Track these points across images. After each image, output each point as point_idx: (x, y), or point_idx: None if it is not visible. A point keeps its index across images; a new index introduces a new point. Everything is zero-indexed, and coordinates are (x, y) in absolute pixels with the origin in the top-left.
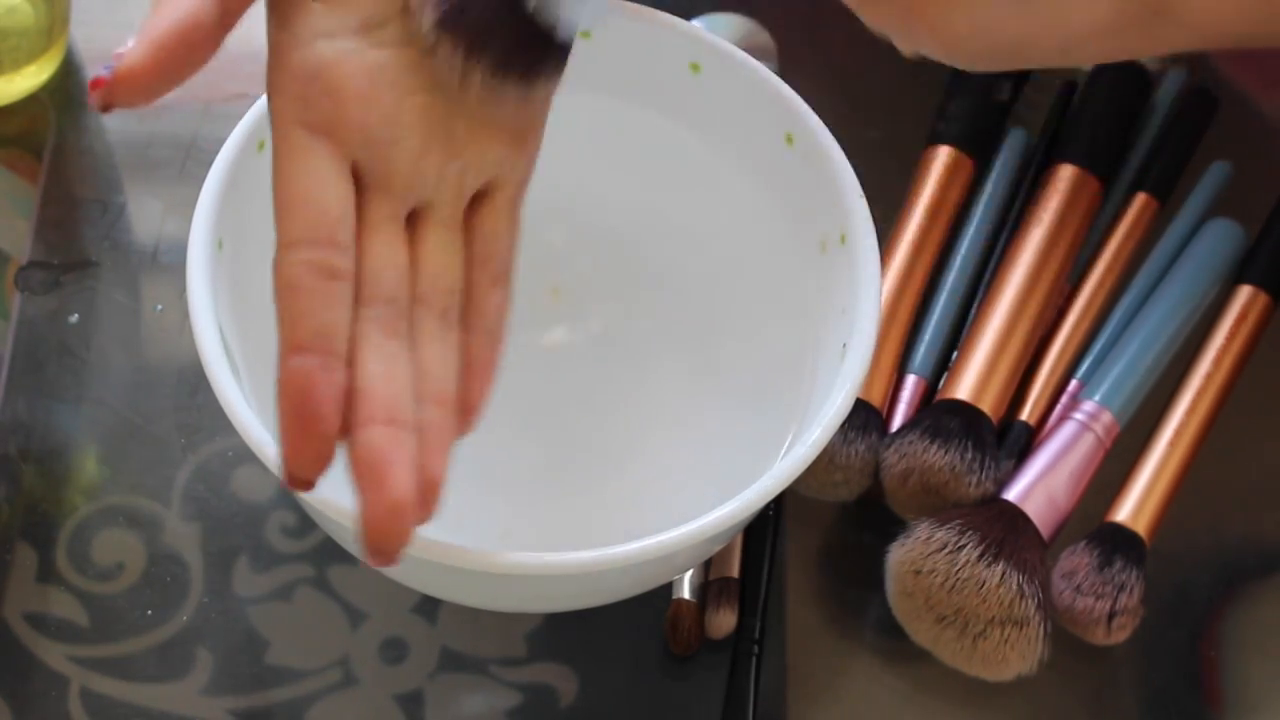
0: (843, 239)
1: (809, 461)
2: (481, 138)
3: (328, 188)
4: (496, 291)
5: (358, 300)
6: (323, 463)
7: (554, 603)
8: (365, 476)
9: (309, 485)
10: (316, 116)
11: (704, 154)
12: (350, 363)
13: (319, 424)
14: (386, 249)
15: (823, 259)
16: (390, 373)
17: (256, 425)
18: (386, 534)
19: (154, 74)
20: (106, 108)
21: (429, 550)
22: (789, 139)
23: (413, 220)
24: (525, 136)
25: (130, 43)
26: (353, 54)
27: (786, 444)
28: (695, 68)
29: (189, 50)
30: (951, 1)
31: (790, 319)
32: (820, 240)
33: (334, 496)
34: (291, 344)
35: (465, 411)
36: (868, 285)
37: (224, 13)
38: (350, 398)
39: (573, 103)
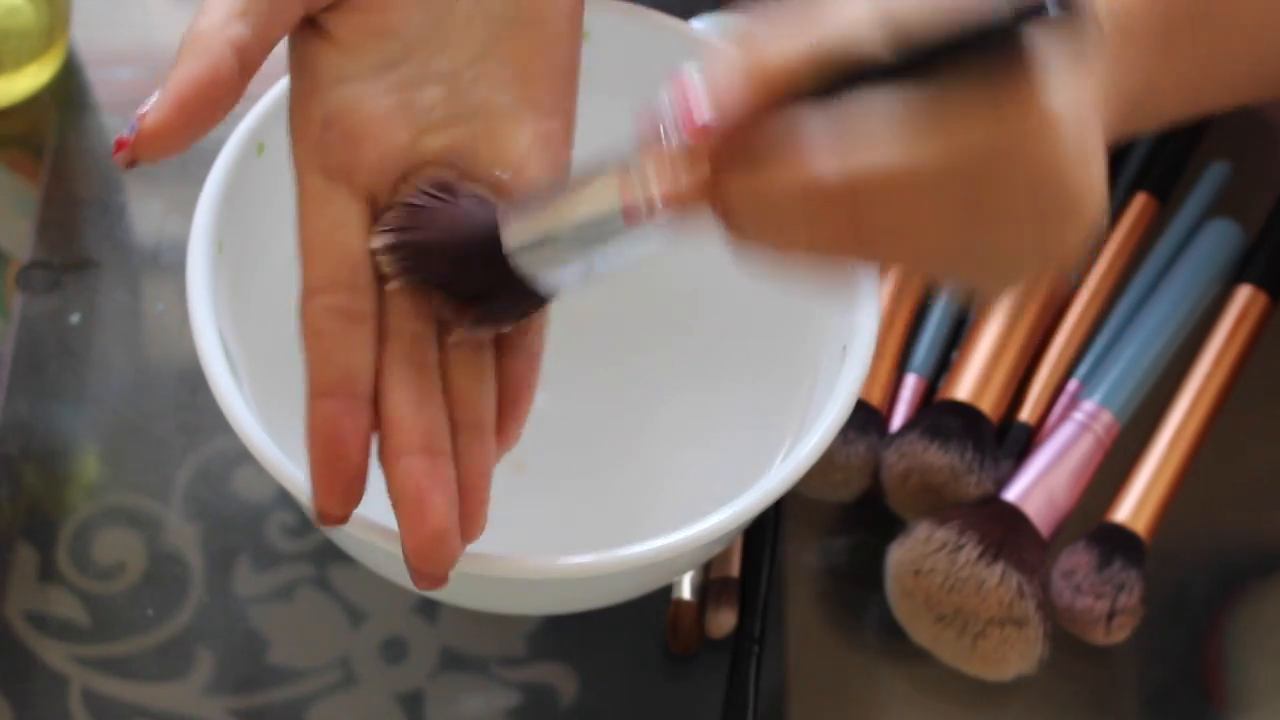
0: None
1: (809, 465)
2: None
3: (347, 231)
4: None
5: (383, 336)
6: (352, 501)
7: (553, 605)
8: (405, 507)
9: (340, 521)
10: (334, 161)
11: None
12: (381, 397)
13: (346, 465)
14: None
15: None
16: (421, 402)
17: (256, 428)
18: (431, 560)
19: (177, 131)
20: (131, 164)
21: None
22: None
23: None
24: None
25: (151, 99)
26: (369, 97)
27: (786, 447)
28: None
29: (210, 105)
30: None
31: (790, 321)
32: None
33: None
34: (317, 388)
35: (504, 432)
36: (867, 288)
37: (244, 65)
38: (383, 431)
39: None
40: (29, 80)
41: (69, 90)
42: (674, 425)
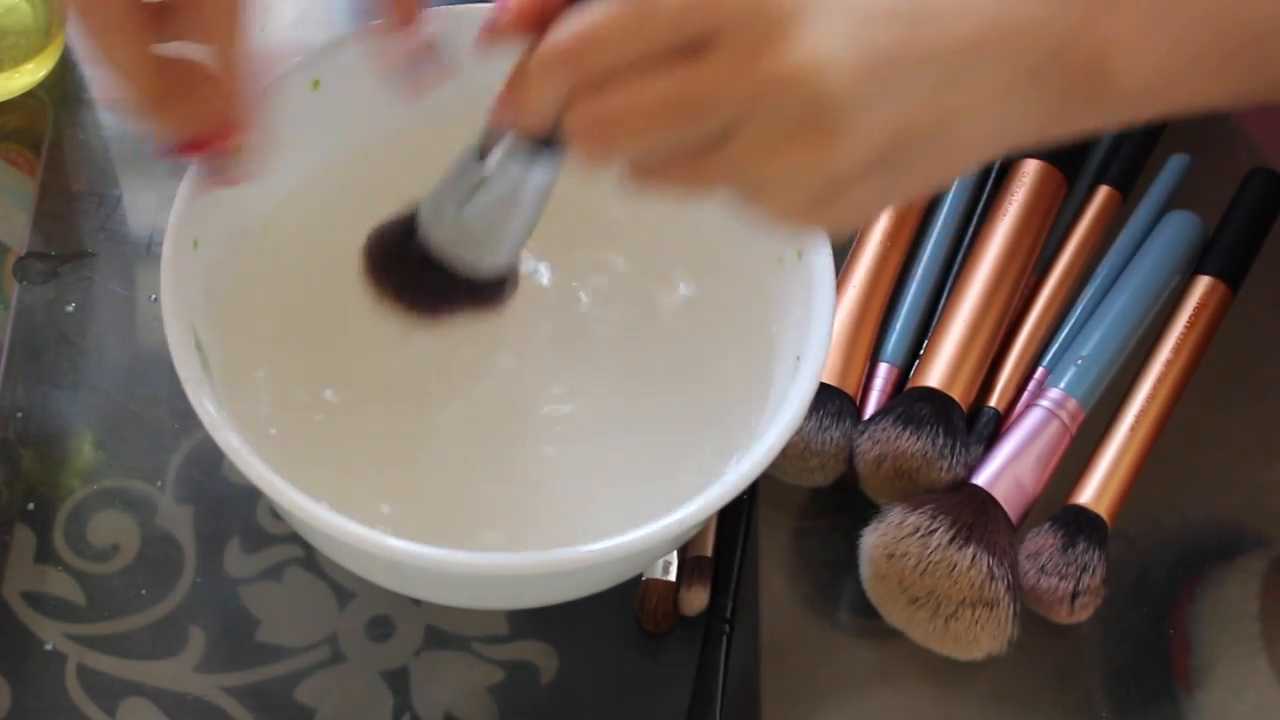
0: (799, 255)
1: (757, 473)
2: None
3: None
4: None
5: None
6: None
7: (515, 601)
8: None
9: None
10: None
11: None
12: None
13: None
14: None
15: (779, 274)
16: None
17: (225, 426)
18: None
19: None
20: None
21: (376, 548)
22: None
23: None
24: None
25: None
26: None
27: (737, 456)
28: None
29: None
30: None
31: (745, 330)
32: (778, 256)
33: (308, 500)
34: None
35: None
36: (822, 301)
37: None
38: None
39: None
40: (26, 77)
41: (65, 86)
42: (629, 429)
